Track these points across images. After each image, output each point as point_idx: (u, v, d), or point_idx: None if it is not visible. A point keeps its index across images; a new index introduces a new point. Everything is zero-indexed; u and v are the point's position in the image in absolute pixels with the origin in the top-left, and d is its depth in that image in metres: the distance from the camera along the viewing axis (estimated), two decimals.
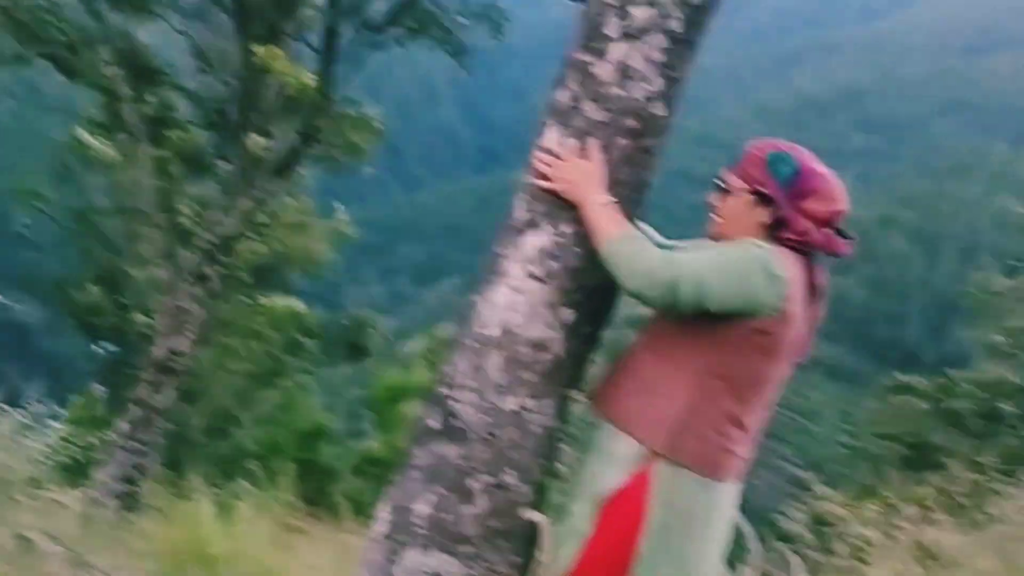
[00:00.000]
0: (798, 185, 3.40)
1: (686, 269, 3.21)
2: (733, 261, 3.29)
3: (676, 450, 3.30)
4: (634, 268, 3.23)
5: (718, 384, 3.33)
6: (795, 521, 6.91)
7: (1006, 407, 13.96)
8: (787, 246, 3.38)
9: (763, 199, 3.43)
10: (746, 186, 3.46)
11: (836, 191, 3.44)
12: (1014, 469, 12.24)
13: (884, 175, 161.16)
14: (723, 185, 3.53)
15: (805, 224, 3.38)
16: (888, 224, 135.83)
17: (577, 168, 3.44)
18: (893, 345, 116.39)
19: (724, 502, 3.44)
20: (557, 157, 3.48)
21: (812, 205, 3.39)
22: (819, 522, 8.25)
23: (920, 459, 15.50)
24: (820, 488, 8.11)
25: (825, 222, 3.41)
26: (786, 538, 6.97)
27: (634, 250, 3.25)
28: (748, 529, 4.03)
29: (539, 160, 3.52)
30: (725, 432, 3.36)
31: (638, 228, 3.41)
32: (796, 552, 5.49)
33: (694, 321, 3.31)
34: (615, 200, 3.40)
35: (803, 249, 3.41)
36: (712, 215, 3.58)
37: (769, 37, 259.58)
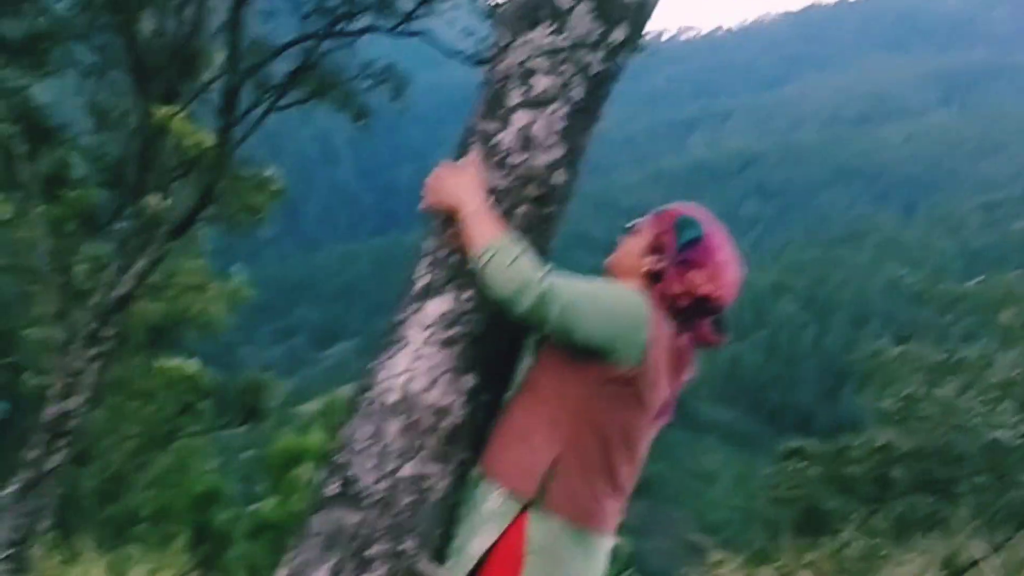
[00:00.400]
0: (692, 253, 3.47)
1: (561, 287, 3.26)
2: (607, 295, 3.37)
3: (548, 499, 3.31)
4: (507, 275, 3.25)
5: (588, 435, 3.36)
6: None
7: (896, 472, 14.18)
8: (661, 306, 3.44)
9: (657, 249, 3.51)
10: (651, 232, 3.56)
11: (725, 277, 3.50)
12: (905, 534, 12.46)
13: (777, 242, 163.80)
14: (634, 225, 3.65)
15: (679, 288, 3.44)
16: (780, 290, 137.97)
17: (454, 178, 3.49)
18: (787, 409, 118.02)
19: (599, 554, 3.46)
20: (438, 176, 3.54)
21: (695, 277, 3.45)
22: None
23: (814, 523, 15.65)
24: (715, 552, 8.19)
25: (701, 298, 3.46)
26: None
27: (508, 257, 3.27)
28: None
29: (426, 184, 3.57)
30: (595, 483, 3.39)
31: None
32: None
33: (564, 371, 3.36)
34: (491, 205, 3.44)
35: (674, 313, 3.46)
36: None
37: (665, 104, 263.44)
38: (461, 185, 3.47)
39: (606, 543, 3.49)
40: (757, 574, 8.45)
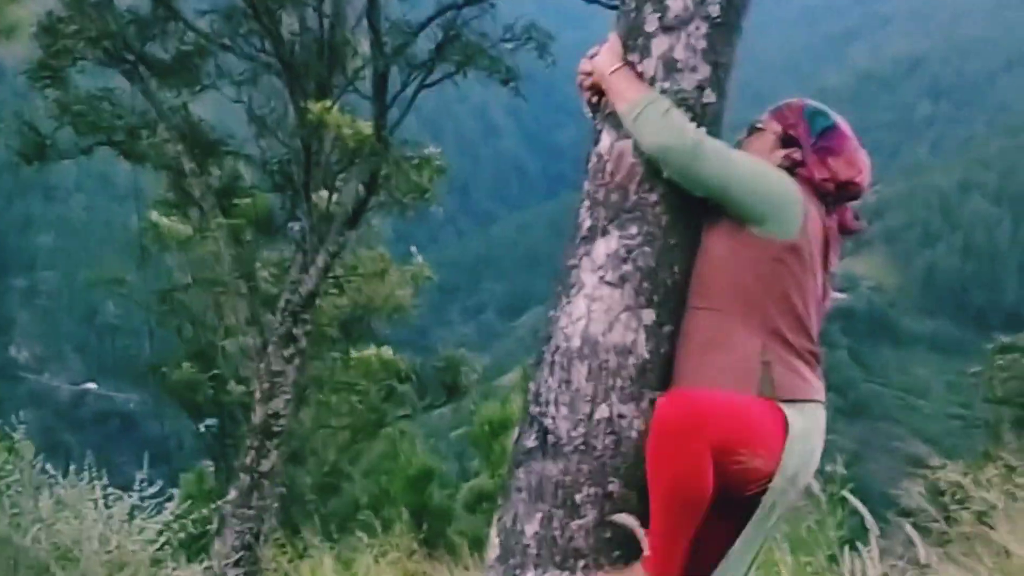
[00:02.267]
0: (828, 140, 3.51)
1: (715, 142, 3.31)
2: (760, 163, 3.42)
3: (774, 389, 3.31)
4: (663, 124, 3.28)
5: (776, 317, 3.36)
6: (914, 496, 6.79)
7: None
8: (807, 191, 3.45)
9: (788, 142, 3.53)
10: (778, 126, 3.57)
11: (861, 162, 3.54)
12: None
13: (957, 140, 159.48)
14: (757, 125, 3.64)
15: (821, 175, 3.45)
16: (968, 188, 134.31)
17: (596, 56, 3.54)
18: (992, 309, 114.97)
19: (821, 424, 3.47)
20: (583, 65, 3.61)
21: (834, 163, 3.48)
22: (938, 493, 8.11)
23: None
24: (937, 461, 7.97)
25: (841, 183, 3.48)
26: (906, 513, 6.86)
27: (661, 108, 3.30)
28: (865, 511, 3.96)
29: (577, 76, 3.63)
30: (801, 357, 3.39)
31: None
32: (917, 526, 5.39)
33: (731, 262, 3.36)
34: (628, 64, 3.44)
35: (819, 198, 3.47)
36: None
37: (820, 19, 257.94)
38: (600, 57, 3.51)
39: (821, 412, 3.48)
40: (982, 474, 8.18)
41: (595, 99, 3.58)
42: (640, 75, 3.42)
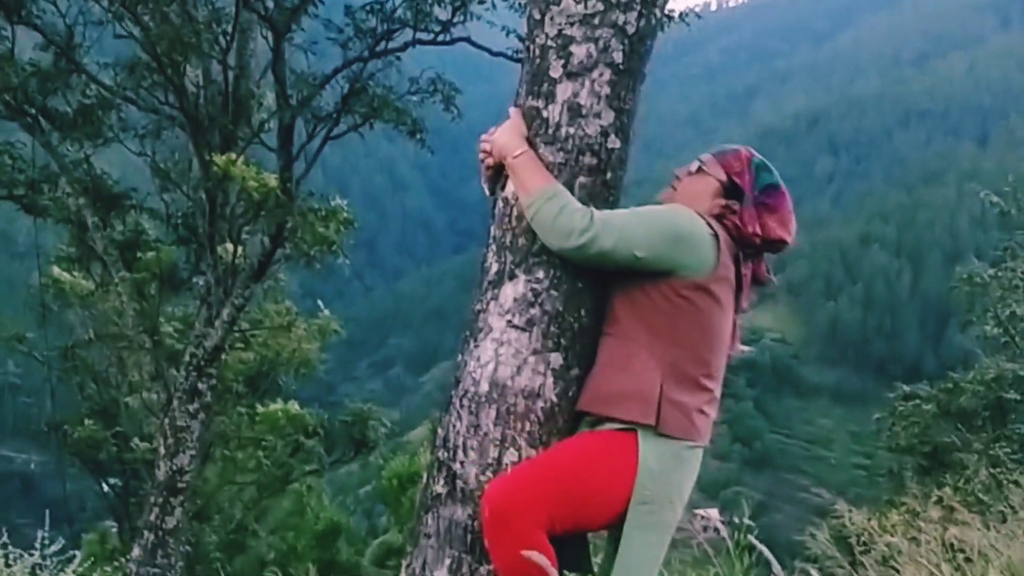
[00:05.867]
0: (769, 198, 3.60)
1: (610, 218, 3.32)
2: (657, 213, 3.46)
3: (661, 422, 3.33)
4: (555, 226, 3.31)
5: (679, 352, 3.40)
6: (820, 543, 6.84)
7: (1011, 396, 13.95)
8: (730, 237, 3.52)
9: (732, 190, 3.59)
10: (723, 174, 3.62)
11: (792, 224, 3.66)
12: None
13: (857, 194, 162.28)
14: (699, 165, 3.68)
15: (753, 229, 3.52)
16: (868, 241, 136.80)
17: (498, 134, 3.57)
18: (893, 359, 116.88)
19: (696, 464, 3.50)
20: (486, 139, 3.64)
21: (768, 220, 3.57)
22: (844, 540, 8.19)
23: (936, 465, 15.45)
24: (842, 507, 8.06)
25: (769, 240, 3.57)
26: (813, 560, 6.92)
27: (553, 208, 3.32)
28: (770, 557, 4.00)
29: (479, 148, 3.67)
30: (695, 397, 3.42)
31: None
32: (823, 571, 5.44)
33: (642, 296, 3.40)
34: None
35: (741, 247, 3.54)
36: (672, 184, 3.74)
37: (723, 75, 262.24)
38: (501, 137, 3.54)
39: (700, 452, 3.51)
40: (887, 520, 8.29)
41: (494, 175, 3.64)
42: (542, 160, 3.47)
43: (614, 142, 3.51)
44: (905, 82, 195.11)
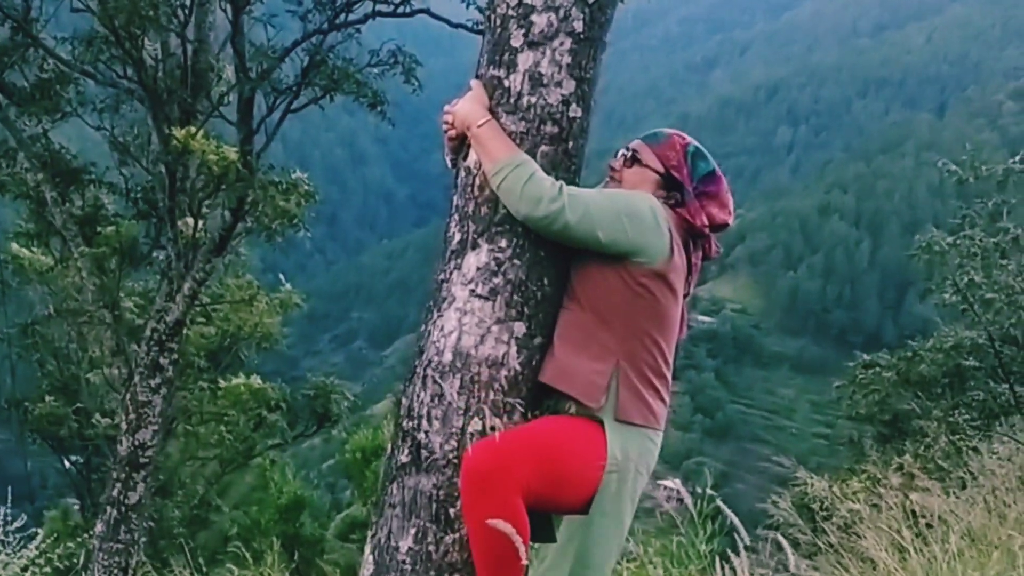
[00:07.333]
0: (708, 186, 3.66)
1: (577, 195, 3.35)
2: (622, 197, 3.48)
3: (619, 409, 3.40)
4: (523, 193, 3.33)
5: (637, 338, 3.45)
6: (782, 510, 6.90)
7: (969, 364, 14.06)
8: (679, 225, 3.58)
9: (670, 183, 3.64)
10: (660, 165, 3.65)
11: (730, 203, 3.73)
12: (987, 423, 12.33)
13: (816, 164, 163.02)
14: (634, 155, 3.70)
15: (701, 221, 3.59)
16: (828, 211, 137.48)
17: (460, 105, 3.58)
18: (853, 329, 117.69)
19: (656, 449, 3.58)
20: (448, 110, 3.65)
21: (711, 208, 3.65)
22: (806, 507, 8.26)
23: (896, 433, 15.57)
24: (804, 475, 8.12)
25: (715, 226, 3.66)
26: (775, 527, 6.97)
27: (522, 175, 3.34)
28: (737, 522, 4.04)
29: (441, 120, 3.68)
30: (651, 383, 3.49)
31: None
32: (786, 537, 5.49)
33: (603, 279, 3.44)
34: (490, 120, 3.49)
35: (689, 234, 3.61)
36: (609, 178, 3.76)
37: (682, 46, 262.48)
38: (464, 107, 3.54)
39: (659, 438, 3.57)
40: (848, 487, 8.36)
41: (457, 146, 3.64)
42: (505, 131, 3.48)
43: (575, 111, 3.53)
44: (863, 52, 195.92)
